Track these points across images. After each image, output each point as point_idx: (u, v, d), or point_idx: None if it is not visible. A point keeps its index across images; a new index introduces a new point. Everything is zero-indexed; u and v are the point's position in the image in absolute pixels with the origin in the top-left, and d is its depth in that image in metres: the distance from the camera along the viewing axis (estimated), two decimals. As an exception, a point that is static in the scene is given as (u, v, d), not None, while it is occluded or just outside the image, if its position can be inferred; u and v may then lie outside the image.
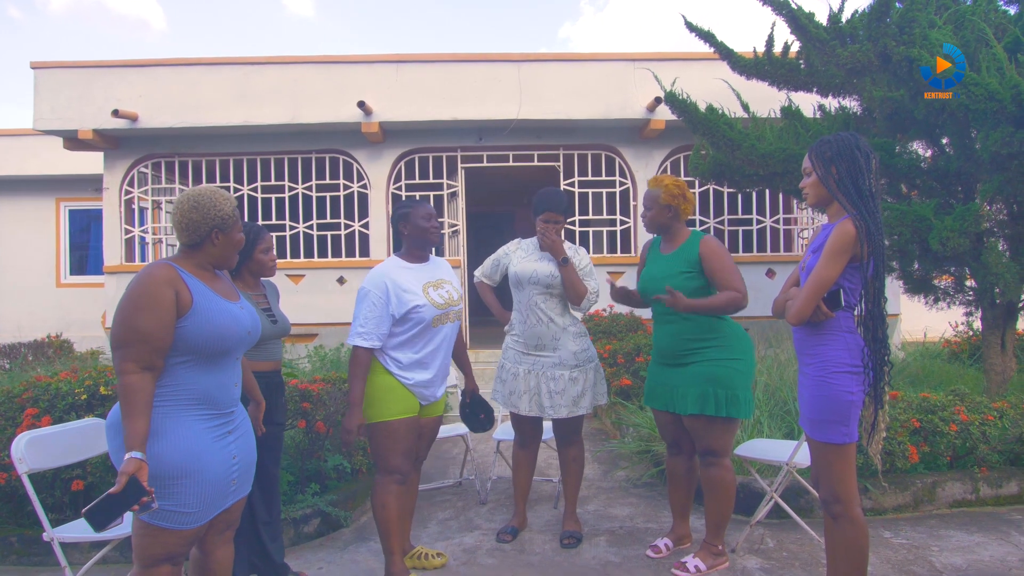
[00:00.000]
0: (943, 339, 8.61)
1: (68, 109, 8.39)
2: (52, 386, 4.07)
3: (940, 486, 4.27)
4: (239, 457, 2.35)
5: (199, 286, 2.27)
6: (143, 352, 2.12)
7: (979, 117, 4.50)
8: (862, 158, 2.57)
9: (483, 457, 5.62)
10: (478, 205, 12.06)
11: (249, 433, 2.46)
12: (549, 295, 3.74)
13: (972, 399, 4.61)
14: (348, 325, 3.37)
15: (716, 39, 6.37)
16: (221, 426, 2.29)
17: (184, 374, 2.21)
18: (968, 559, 3.54)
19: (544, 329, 3.72)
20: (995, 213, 5.40)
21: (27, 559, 3.82)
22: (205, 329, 2.21)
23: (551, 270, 3.72)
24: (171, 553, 2.21)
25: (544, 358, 3.72)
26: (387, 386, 3.25)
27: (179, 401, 2.20)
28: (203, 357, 2.23)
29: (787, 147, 5.71)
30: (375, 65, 8.55)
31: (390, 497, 3.28)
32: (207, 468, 2.20)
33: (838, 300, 2.53)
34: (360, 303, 3.26)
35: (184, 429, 2.18)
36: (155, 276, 2.18)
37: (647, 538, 3.89)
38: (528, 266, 3.79)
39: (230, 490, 2.33)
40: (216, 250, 2.34)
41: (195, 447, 2.18)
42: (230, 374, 2.34)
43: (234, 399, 2.36)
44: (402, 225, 3.42)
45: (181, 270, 2.26)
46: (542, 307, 3.73)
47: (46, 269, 11.90)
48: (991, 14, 5.16)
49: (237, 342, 2.32)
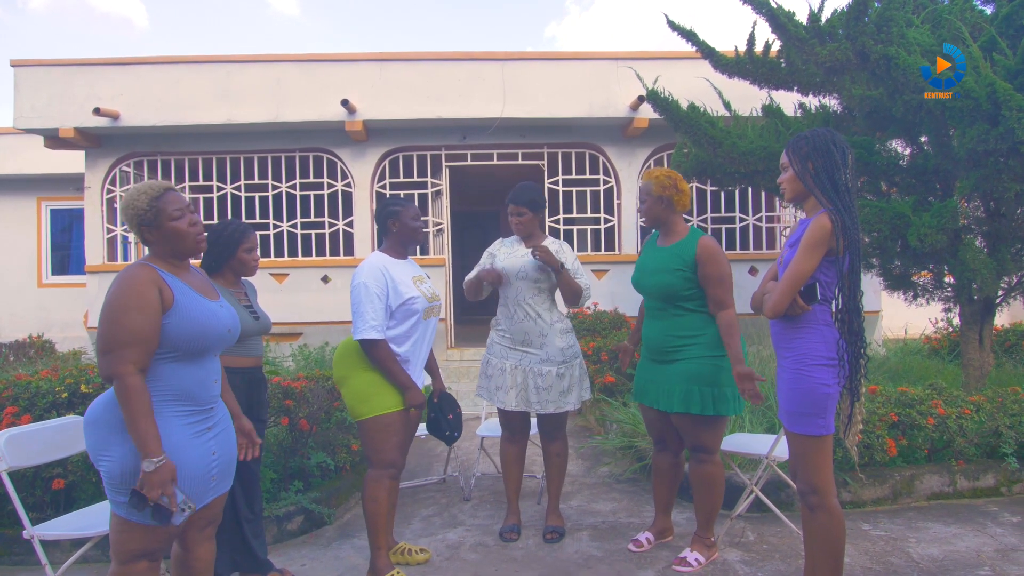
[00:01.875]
0: (923, 335, 8.71)
1: (49, 107, 8.32)
2: (32, 384, 4.04)
3: (918, 479, 4.33)
4: (219, 453, 2.35)
5: (179, 284, 2.28)
6: (139, 353, 2.12)
7: (956, 115, 4.56)
8: (838, 153, 2.61)
9: (467, 454, 5.63)
10: (462, 204, 12.06)
11: (229, 429, 2.46)
12: (537, 290, 3.72)
13: (949, 393, 4.68)
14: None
15: (698, 38, 6.42)
16: (201, 422, 2.29)
17: (165, 370, 2.21)
18: (945, 550, 3.59)
19: (532, 325, 3.70)
20: (972, 210, 5.48)
21: (8, 558, 3.79)
22: (187, 326, 2.21)
23: (537, 264, 3.70)
24: (148, 549, 2.20)
25: (531, 354, 3.70)
26: (377, 380, 3.27)
27: (160, 397, 2.19)
28: (184, 354, 2.23)
29: (768, 145, 5.76)
30: (359, 63, 8.53)
31: (383, 492, 3.29)
32: (186, 464, 2.20)
33: (814, 294, 2.56)
34: (361, 297, 3.23)
35: (164, 425, 2.17)
36: (139, 277, 2.19)
37: (630, 532, 3.92)
38: (514, 261, 3.75)
39: (210, 486, 2.32)
40: (157, 245, 2.32)
41: (175, 443, 2.18)
42: (209, 370, 2.34)
43: (214, 395, 2.36)
44: (391, 222, 3.44)
45: (159, 269, 2.27)
46: (529, 302, 3.71)
47: (27, 269, 11.79)
48: (967, 13, 5.24)
49: (217, 339, 2.33)
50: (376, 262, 3.34)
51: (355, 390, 3.29)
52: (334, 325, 8.23)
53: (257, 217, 8.80)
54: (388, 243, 3.49)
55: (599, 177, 9.07)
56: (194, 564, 2.48)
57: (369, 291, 3.23)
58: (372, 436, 3.28)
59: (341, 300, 8.37)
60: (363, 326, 3.20)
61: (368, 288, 3.23)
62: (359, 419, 3.29)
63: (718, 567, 3.44)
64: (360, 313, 3.21)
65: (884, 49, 4.76)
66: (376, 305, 3.22)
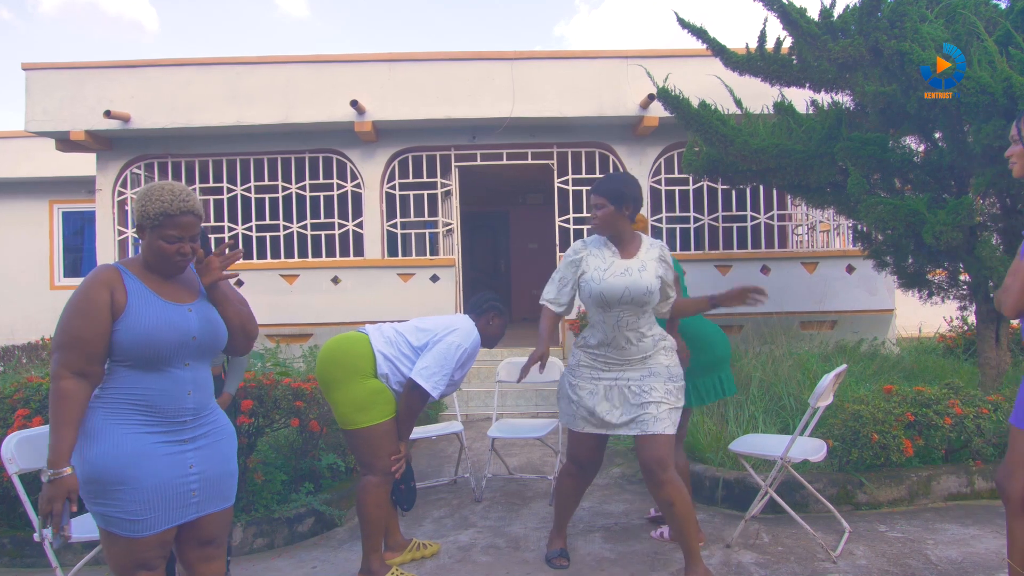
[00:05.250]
0: (938, 334, 8.63)
1: (60, 110, 8.35)
2: (43, 387, 4.05)
3: (935, 479, 4.27)
4: (199, 468, 2.20)
5: (139, 287, 2.17)
6: (76, 357, 2.05)
7: (971, 111, 4.50)
8: None
9: (478, 456, 5.61)
10: (472, 204, 12.04)
11: (218, 444, 2.29)
12: (642, 312, 3.17)
13: (966, 392, 4.61)
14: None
15: (708, 35, 6.36)
16: (170, 433, 2.15)
17: (124, 377, 2.12)
18: (963, 552, 3.54)
19: (635, 349, 3.18)
20: (988, 207, 5.41)
21: (19, 560, 3.81)
22: (133, 332, 2.09)
23: (646, 285, 3.12)
24: (140, 561, 2.12)
25: (631, 372, 3.19)
26: (376, 389, 3.28)
27: (119, 405, 2.10)
28: (138, 361, 2.11)
29: (780, 142, 5.70)
30: (368, 64, 8.52)
31: (385, 497, 3.32)
32: (145, 475, 2.07)
33: None
34: (452, 358, 3.35)
35: (121, 434, 2.08)
36: (94, 278, 2.13)
37: (642, 534, 3.89)
38: (618, 282, 3.13)
39: (189, 501, 2.18)
40: (143, 249, 2.23)
41: (130, 452, 2.07)
42: (176, 381, 2.17)
43: (184, 407, 2.18)
44: (493, 317, 3.66)
45: (125, 271, 2.19)
46: (633, 325, 3.16)
47: (40, 271, 11.85)
48: (981, 7, 5.17)
49: (175, 347, 2.15)
50: (479, 341, 3.53)
51: (353, 398, 3.24)
52: (344, 326, 8.17)
53: (267, 218, 8.80)
54: (480, 328, 3.59)
55: (609, 176, 9.02)
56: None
57: (460, 360, 3.38)
58: (372, 443, 3.26)
59: (351, 301, 8.37)
60: (440, 383, 3.31)
61: (465, 356, 3.40)
62: (355, 427, 3.25)
63: (732, 569, 3.40)
64: (447, 371, 3.33)
65: (898, 45, 4.71)
66: (451, 371, 3.35)
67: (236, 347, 2.40)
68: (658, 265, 3.20)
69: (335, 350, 3.34)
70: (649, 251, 3.24)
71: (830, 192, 6.05)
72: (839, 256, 8.71)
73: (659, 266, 3.20)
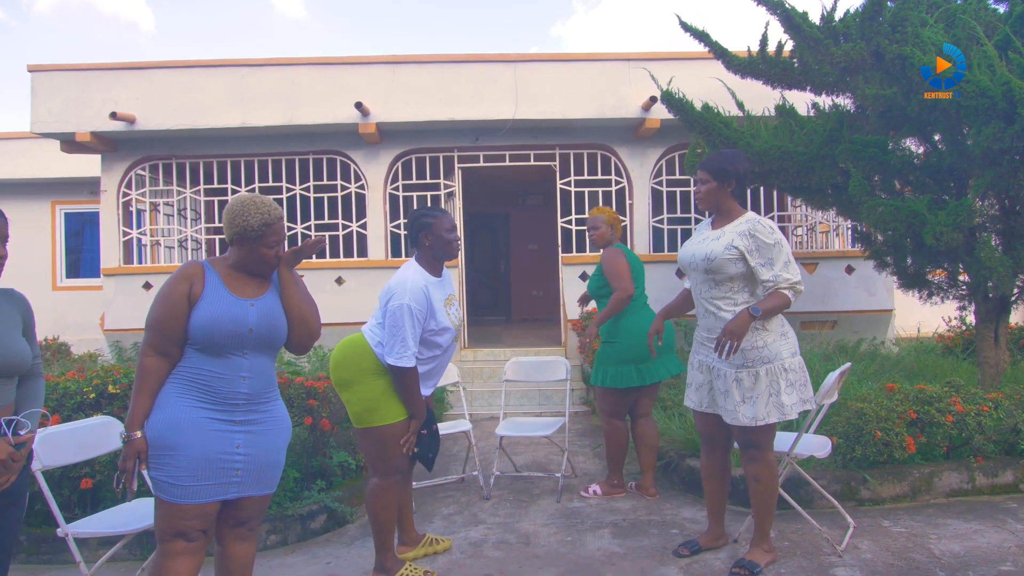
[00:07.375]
0: (936, 334, 8.71)
1: (65, 112, 8.39)
2: (60, 386, 4.10)
3: (937, 476, 4.34)
4: (246, 450, 2.42)
5: (215, 281, 2.46)
6: (156, 338, 2.38)
7: (971, 114, 4.58)
8: None
9: (486, 453, 5.67)
10: (475, 205, 12.09)
11: (270, 433, 2.50)
12: (714, 283, 3.23)
13: (968, 390, 4.69)
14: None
15: (710, 38, 6.44)
16: (222, 412, 2.39)
17: (194, 359, 2.40)
18: (966, 546, 3.61)
19: (712, 321, 3.26)
20: (987, 208, 5.49)
21: (36, 557, 3.85)
22: (199, 319, 2.37)
23: (707, 252, 3.20)
24: (180, 529, 2.33)
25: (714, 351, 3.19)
26: (386, 389, 3.23)
27: (185, 382, 2.38)
28: (203, 346, 2.38)
29: (782, 145, 5.78)
30: (371, 66, 8.58)
31: (394, 499, 3.32)
32: (192, 444, 2.32)
33: None
34: (404, 321, 3.11)
35: (179, 406, 2.35)
36: (179, 272, 2.44)
37: (651, 530, 3.95)
38: (687, 249, 3.33)
39: (232, 479, 2.39)
40: (237, 255, 2.51)
41: (183, 423, 2.33)
42: (233, 367, 2.42)
43: (237, 391, 2.42)
44: (424, 235, 3.31)
45: (209, 267, 2.49)
46: (707, 295, 3.28)
47: (42, 272, 11.86)
48: (981, 12, 5.25)
49: (231, 337, 2.40)
50: (419, 281, 3.21)
51: (365, 398, 3.22)
52: (348, 326, 8.21)
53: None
54: (422, 257, 3.35)
55: (611, 178, 9.09)
56: (226, 563, 2.54)
57: (413, 315, 3.13)
58: (382, 444, 3.24)
59: (355, 301, 8.42)
60: (404, 352, 3.11)
61: (412, 312, 3.13)
62: (367, 427, 3.23)
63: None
64: (402, 338, 3.11)
65: (899, 49, 4.78)
66: (416, 331, 3.15)
67: (296, 341, 2.61)
68: (738, 237, 3.17)
69: (341, 353, 3.35)
70: (739, 225, 3.23)
71: (831, 194, 6.13)
72: (839, 257, 8.78)
73: (739, 238, 3.16)
